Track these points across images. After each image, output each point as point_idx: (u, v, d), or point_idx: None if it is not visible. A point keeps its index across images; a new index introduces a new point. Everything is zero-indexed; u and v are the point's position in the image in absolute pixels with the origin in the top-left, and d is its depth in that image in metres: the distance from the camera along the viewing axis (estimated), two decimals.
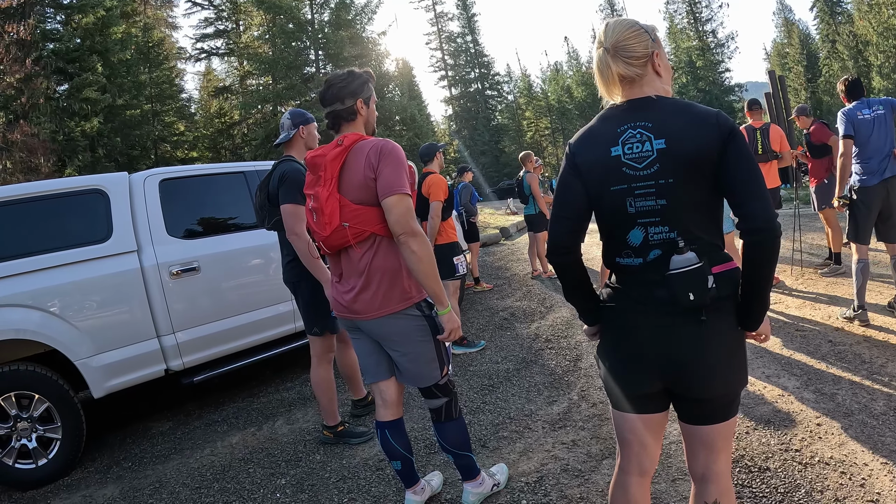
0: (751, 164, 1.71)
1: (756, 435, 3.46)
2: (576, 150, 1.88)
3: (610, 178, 1.80)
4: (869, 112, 4.92)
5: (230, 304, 4.82)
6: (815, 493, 2.85)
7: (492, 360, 5.52)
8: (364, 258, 2.61)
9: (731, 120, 1.76)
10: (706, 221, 1.81)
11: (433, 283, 2.53)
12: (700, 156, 1.71)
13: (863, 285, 4.96)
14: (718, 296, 1.75)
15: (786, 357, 4.58)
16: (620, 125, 1.80)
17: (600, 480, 3.10)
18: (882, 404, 3.62)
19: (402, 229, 2.44)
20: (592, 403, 4.14)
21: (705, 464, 1.95)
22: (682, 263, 1.72)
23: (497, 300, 8.02)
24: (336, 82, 2.70)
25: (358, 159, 2.53)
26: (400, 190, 2.46)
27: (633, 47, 1.82)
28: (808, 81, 46.01)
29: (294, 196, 3.41)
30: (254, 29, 28.41)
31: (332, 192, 2.52)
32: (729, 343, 1.83)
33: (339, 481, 3.55)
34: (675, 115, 1.76)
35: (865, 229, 4.95)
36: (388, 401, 2.91)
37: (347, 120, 2.70)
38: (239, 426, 4.67)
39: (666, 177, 1.73)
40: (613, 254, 1.91)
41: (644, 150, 1.75)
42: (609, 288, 1.98)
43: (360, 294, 2.63)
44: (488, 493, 3.09)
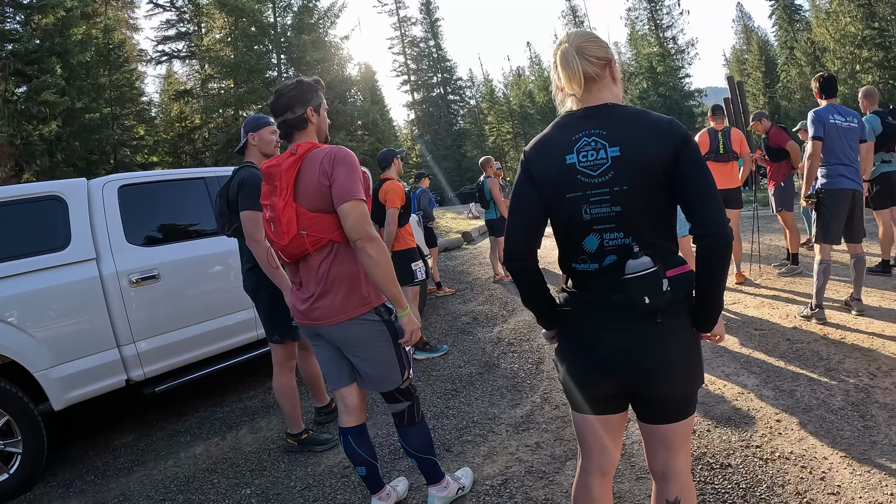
0: (703, 171, 1.74)
1: (717, 432, 3.51)
2: (531, 158, 1.89)
3: (565, 185, 1.81)
4: (842, 119, 4.99)
5: (191, 311, 4.74)
6: (776, 487, 2.90)
7: (455, 364, 5.53)
8: (322, 265, 2.61)
9: (684, 127, 1.79)
10: (660, 227, 1.83)
11: (391, 286, 2.55)
12: (654, 163, 1.73)
13: (823, 286, 5.06)
14: (673, 298, 1.78)
15: (745, 356, 4.65)
16: (575, 133, 1.81)
17: (564, 481, 3.12)
18: (840, 399, 3.70)
19: (359, 235, 2.46)
20: (555, 406, 4.16)
21: (665, 462, 1.99)
22: (637, 268, 1.74)
23: (459, 304, 8.03)
24: (285, 91, 2.72)
25: (312, 167, 2.54)
26: (354, 196, 2.47)
27: (594, 50, 1.85)
28: (766, 87, 47.16)
29: (253, 202, 3.37)
30: (216, 32, 27.84)
31: (289, 202, 2.53)
32: (685, 344, 1.86)
33: (305, 490, 3.52)
34: (630, 123, 1.78)
35: (833, 231, 5.03)
36: (350, 407, 2.90)
37: (298, 129, 2.70)
38: (202, 436, 4.61)
39: (620, 184, 1.75)
40: (569, 259, 1.92)
41: (599, 157, 1.76)
42: (566, 293, 1.99)
43: (319, 301, 2.64)
44: (454, 497, 3.10)
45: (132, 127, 25.43)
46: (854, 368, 4.12)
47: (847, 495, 2.77)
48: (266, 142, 3.80)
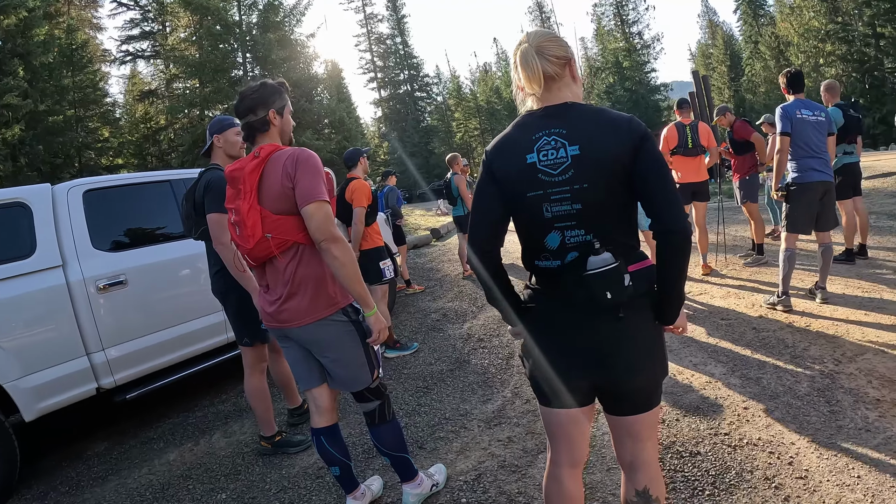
0: (662, 168, 1.77)
1: (686, 421, 3.56)
2: (492, 158, 1.91)
3: (526, 184, 1.83)
4: (809, 114, 5.07)
5: (160, 316, 4.69)
6: (745, 473, 2.96)
7: (425, 361, 5.54)
8: (289, 267, 2.62)
9: (643, 125, 1.81)
10: (621, 223, 1.86)
11: (357, 286, 2.56)
12: (613, 161, 1.75)
13: (788, 273, 5.17)
14: (635, 293, 1.81)
15: (712, 345, 4.73)
16: (535, 132, 1.83)
17: (537, 475, 3.15)
18: (806, 386, 3.78)
19: (323, 236, 2.46)
20: (526, 400, 4.19)
21: (633, 452, 2.02)
22: (598, 264, 1.76)
23: (429, 302, 8.02)
24: (248, 94, 2.71)
25: (275, 170, 2.54)
26: (318, 197, 2.48)
27: (553, 49, 1.86)
28: (731, 81, 47.85)
29: (220, 205, 3.34)
30: (180, 30, 27.44)
31: (253, 205, 2.53)
32: (648, 337, 1.89)
33: (280, 492, 3.51)
34: (589, 122, 1.80)
35: (802, 222, 5.13)
36: (321, 407, 2.91)
37: (261, 131, 2.70)
38: (176, 442, 4.57)
39: (580, 182, 1.77)
40: (532, 257, 1.95)
41: (559, 156, 1.78)
42: (530, 289, 2.02)
43: (286, 303, 2.64)
44: (428, 494, 3.12)
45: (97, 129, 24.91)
46: (819, 355, 4.21)
47: (815, 479, 2.83)
48: (231, 143, 3.76)
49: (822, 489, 2.76)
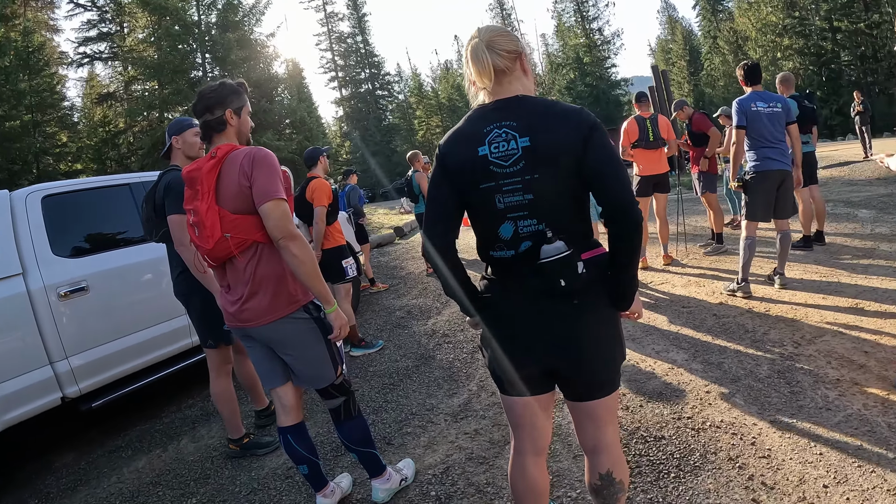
0: (612, 157, 1.80)
1: (649, 407, 3.62)
2: (445, 152, 1.93)
3: (478, 176, 1.86)
4: (764, 105, 5.18)
5: (123, 322, 4.61)
6: (709, 454, 3.03)
7: (391, 358, 5.55)
8: (248, 267, 2.62)
9: (592, 115, 1.84)
10: (573, 212, 1.89)
11: (317, 283, 2.57)
12: (563, 151, 1.78)
13: (748, 260, 5.28)
14: (589, 280, 1.84)
15: (673, 333, 4.80)
16: (487, 125, 1.86)
17: (504, 465, 3.17)
18: (766, 368, 3.86)
19: (281, 234, 2.47)
20: (491, 393, 4.22)
21: (594, 437, 2.06)
22: (551, 252, 1.80)
23: (393, 299, 8.03)
24: (206, 93, 2.71)
25: (232, 169, 2.54)
26: (275, 195, 2.49)
27: (504, 44, 1.89)
28: (690, 75, 48.85)
29: (180, 206, 3.29)
30: (138, 31, 26.86)
31: (211, 205, 2.53)
32: (603, 323, 1.93)
33: (250, 494, 3.50)
34: (539, 114, 1.83)
35: (761, 210, 5.24)
36: (287, 406, 2.90)
37: (217, 130, 2.69)
38: (144, 449, 4.51)
39: (532, 172, 1.80)
40: (487, 248, 1.97)
41: (510, 148, 1.81)
42: (486, 280, 2.05)
43: (247, 302, 2.64)
44: (397, 488, 3.13)
45: (54, 134, 24.42)
46: (779, 339, 4.30)
47: (777, 458, 2.91)
48: (190, 144, 3.73)
49: (786, 467, 2.83)
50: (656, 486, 2.83)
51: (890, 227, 7.35)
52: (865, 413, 3.17)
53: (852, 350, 3.95)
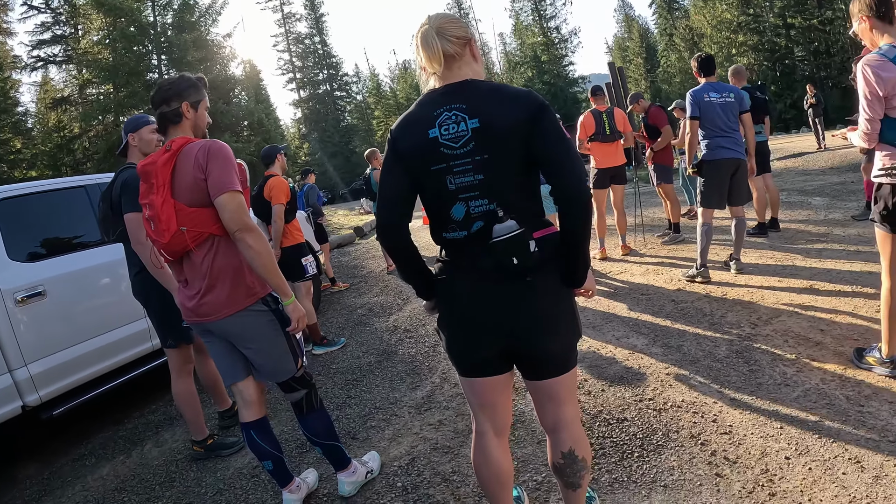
0: (560, 137, 1.83)
1: (611, 391, 3.68)
2: (397, 136, 1.95)
3: (429, 158, 1.87)
4: (717, 96, 5.29)
5: (83, 327, 4.52)
6: (671, 433, 3.09)
7: (353, 355, 5.54)
8: (205, 260, 2.60)
9: (541, 97, 1.87)
10: (523, 192, 1.91)
11: (274, 275, 2.56)
12: (512, 131, 1.81)
13: (706, 247, 5.40)
14: (542, 258, 1.87)
15: (633, 319, 4.88)
16: (437, 108, 1.88)
17: (469, 454, 3.17)
18: (724, 349, 3.95)
19: (237, 226, 2.46)
20: (454, 384, 4.25)
21: (554, 415, 2.09)
22: (503, 231, 1.82)
23: (354, 298, 8.01)
24: (164, 85, 2.71)
25: (187, 162, 2.52)
26: (230, 187, 2.48)
27: (453, 30, 1.91)
28: (647, 72, 49.66)
29: (137, 204, 3.25)
30: (93, 33, 26.34)
31: (167, 198, 2.51)
32: (558, 301, 1.95)
33: (216, 495, 3.47)
34: (488, 96, 1.86)
35: (716, 197, 5.36)
36: (248, 401, 2.89)
37: (173, 122, 2.68)
38: (107, 456, 4.43)
39: (481, 153, 1.82)
40: (440, 229, 1.98)
41: (459, 129, 1.83)
42: (440, 262, 2.06)
43: (205, 296, 2.62)
44: (363, 481, 3.13)
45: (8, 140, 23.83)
46: (736, 320, 4.40)
47: (739, 433, 2.98)
48: (146, 141, 3.69)
49: (748, 441, 2.90)
50: (620, 466, 2.88)
51: (842, 213, 7.55)
52: (823, 387, 3.27)
53: (808, 329, 4.06)
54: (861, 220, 6.86)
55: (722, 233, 6.93)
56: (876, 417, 2.90)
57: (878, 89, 2.83)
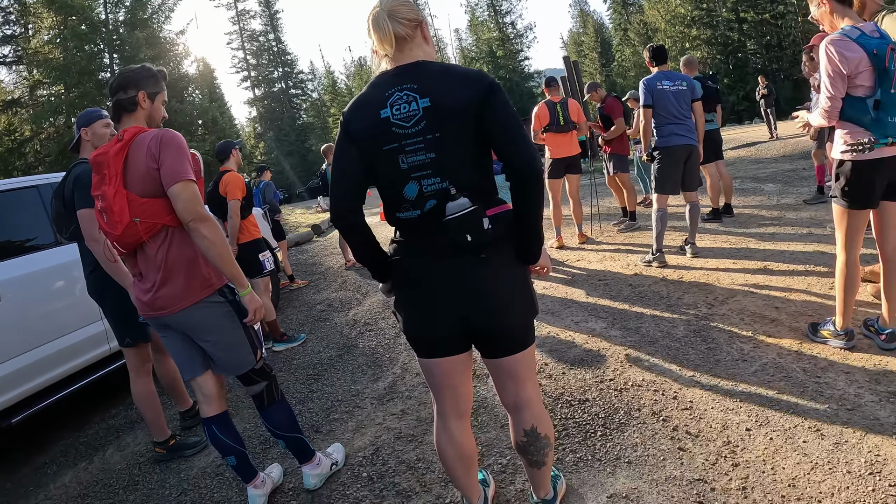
0: (510, 115, 1.85)
1: (572, 373, 3.73)
2: (349, 118, 1.95)
3: (381, 139, 1.88)
4: (670, 84, 5.41)
5: (38, 332, 4.40)
6: (633, 411, 3.15)
7: (314, 350, 5.53)
8: (160, 252, 2.57)
9: (491, 77, 1.90)
10: (475, 170, 1.93)
11: (229, 266, 2.54)
12: (463, 110, 1.83)
13: (661, 232, 5.51)
14: (496, 235, 1.88)
15: (591, 304, 4.95)
16: (388, 89, 1.88)
17: (433, 441, 3.20)
18: (682, 329, 4.04)
19: (191, 216, 2.43)
20: (415, 373, 4.27)
21: (515, 393, 2.12)
22: (456, 209, 1.83)
23: (313, 294, 7.97)
24: (123, 72, 2.70)
25: (139, 152, 2.49)
26: (184, 177, 2.45)
27: (404, 13, 1.93)
28: (602, 66, 50.15)
29: (90, 200, 3.16)
30: (44, 32, 25.35)
31: (119, 189, 2.47)
32: (512, 278, 1.98)
33: (181, 495, 3.42)
34: (439, 76, 1.87)
35: (670, 183, 5.48)
36: (208, 395, 2.86)
37: (128, 111, 2.65)
38: (69, 464, 4.34)
39: (433, 132, 1.84)
40: (394, 210, 1.99)
41: (411, 109, 1.84)
42: (395, 243, 2.07)
43: (161, 289, 2.59)
44: (328, 473, 3.12)
45: None
46: (693, 301, 4.49)
47: (700, 408, 3.05)
48: (99, 136, 3.61)
49: (708, 415, 2.97)
50: (584, 446, 2.93)
51: (794, 198, 7.76)
52: (780, 361, 3.37)
53: (763, 307, 4.17)
54: (812, 204, 7.06)
55: (677, 219, 7.06)
56: (832, 387, 2.99)
57: (841, 67, 2.92)
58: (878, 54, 2.86)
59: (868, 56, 2.87)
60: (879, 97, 2.91)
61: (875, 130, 2.95)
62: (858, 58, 2.88)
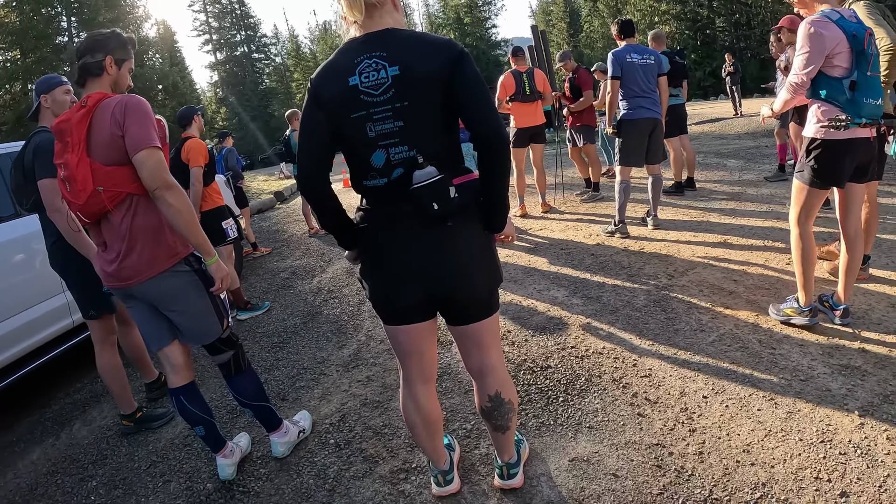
0: (478, 83, 1.86)
1: (534, 341, 3.81)
2: (317, 85, 1.94)
3: (349, 106, 1.88)
4: (638, 57, 5.46)
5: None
6: (594, 378, 3.25)
7: (278, 318, 5.53)
8: (124, 221, 2.53)
9: (460, 45, 1.90)
10: (443, 139, 1.95)
11: (195, 234, 2.51)
12: (432, 79, 1.83)
13: (624, 203, 5.60)
14: (462, 204, 1.91)
15: (553, 273, 5.04)
16: (357, 56, 1.88)
17: (399, 407, 3.24)
18: (643, 299, 4.13)
19: (156, 183, 2.39)
20: (380, 340, 4.31)
21: (479, 359, 2.17)
22: (423, 177, 1.85)
23: (277, 262, 7.91)
24: (93, 35, 2.64)
25: (103, 118, 2.44)
26: (149, 143, 2.41)
27: None
28: (570, 37, 49.66)
29: (51, 169, 3.07)
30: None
31: (82, 157, 2.43)
32: (478, 245, 2.01)
33: (150, 467, 3.43)
34: (408, 44, 1.87)
35: (634, 155, 5.57)
36: (176, 366, 2.86)
37: (93, 74, 2.59)
38: (36, 440, 4.29)
39: (401, 100, 1.84)
40: (360, 178, 2.00)
41: (380, 77, 1.84)
42: (361, 211, 2.08)
43: (126, 259, 2.56)
44: (296, 440, 3.16)
45: None
46: (654, 272, 4.60)
47: (658, 376, 3.15)
48: (59, 103, 3.50)
49: (667, 383, 3.07)
50: (546, 411, 3.01)
51: (756, 174, 7.92)
52: (737, 332, 3.48)
53: (722, 279, 4.28)
54: (773, 182, 7.23)
55: (640, 192, 7.16)
56: (787, 359, 3.11)
57: (820, 45, 2.96)
58: (856, 37, 2.93)
59: (847, 38, 2.94)
60: (856, 78, 2.98)
61: (850, 111, 3.01)
62: (838, 38, 2.94)
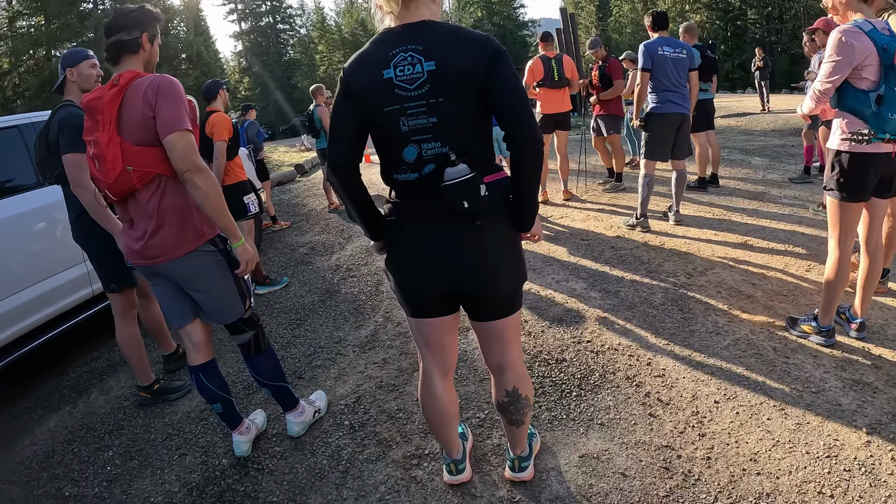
0: (515, 83, 1.85)
1: (551, 332, 3.82)
2: (350, 75, 1.92)
3: (383, 99, 1.86)
4: (671, 50, 5.39)
5: (17, 277, 4.31)
6: (608, 374, 3.25)
7: (296, 294, 5.55)
8: (152, 201, 2.54)
9: (498, 43, 1.87)
10: (476, 136, 1.94)
11: (223, 217, 2.52)
12: (468, 76, 1.81)
13: (647, 197, 5.58)
14: (492, 202, 1.90)
15: (573, 263, 5.03)
16: (392, 49, 1.85)
17: (414, 391, 3.30)
18: (660, 296, 4.12)
19: (186, 166, 2.39)
20: (397, 323, 4.34)
21: (500, 355, 2.19)
22: (455, 175, 1.84)
23: (296, 237, 7.91)
24: (126, 11, 2.61)
25: (135, 98, 2.43)
26: (180, 126, 2.40)
27: None
28: (599, 20, 48.89)
29: (76, 144, 3.12)
30: None
31: (113, 136, 2.43)
32: (505, 244, 2.02)
33: (166, 440, 3.48)
34: (445, 39, 1.84)
35: (660, 149, 5.51)
36: (197, 343, 2.89)
37: (130, 51, 2.58)
38: (53, 408, 4.35)
39: (436, 96, 1.83)
40: (391, 171, 2.00)
41: (415, 71, 1.82)
42: (390, 203, 2.08)
43: (152, 238, 2.57)
44: (311, 420, 3.20)
45: None
46: (673, 270, 4.58)
47: (672, 376, 3.15)
48: (86, 77, 3.50)
49: (680, 384, 3.07)
50: (559, 405, 3.03)
51: (780, 174, 7.81)
52: (752, 338, 3.46)
53: (741, 282, 4.26)
54: (798, 183, 7.14)
55: (663, 185, 7.10)
56: (800, 369, 3.09)
57: (849, 56, 2.89)
58: (887, 50, 2.86)
59: (877, 50, 2.87)
60: (883, 92, 2.91)
61: (874, 125, 2.94)
62: (868, 50, 2.87)
